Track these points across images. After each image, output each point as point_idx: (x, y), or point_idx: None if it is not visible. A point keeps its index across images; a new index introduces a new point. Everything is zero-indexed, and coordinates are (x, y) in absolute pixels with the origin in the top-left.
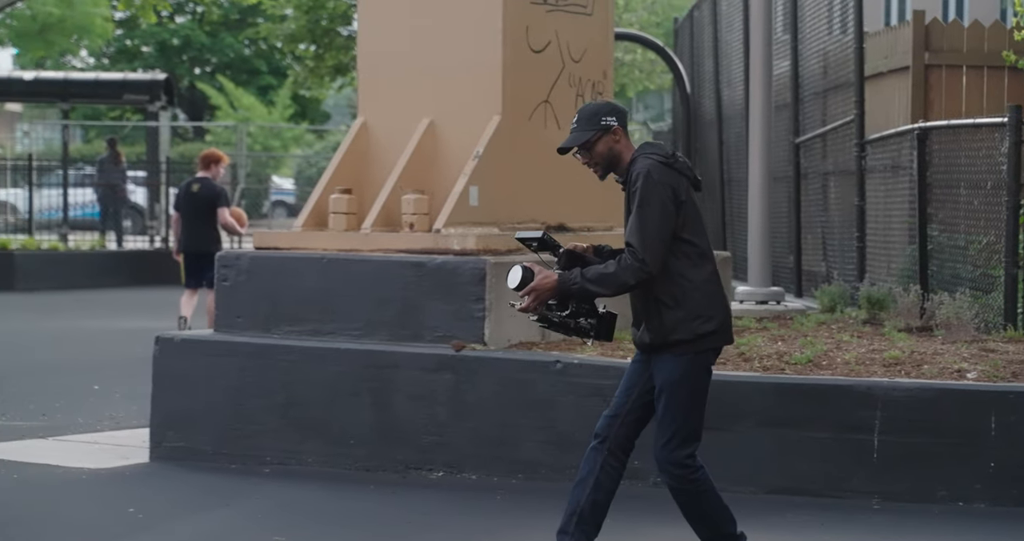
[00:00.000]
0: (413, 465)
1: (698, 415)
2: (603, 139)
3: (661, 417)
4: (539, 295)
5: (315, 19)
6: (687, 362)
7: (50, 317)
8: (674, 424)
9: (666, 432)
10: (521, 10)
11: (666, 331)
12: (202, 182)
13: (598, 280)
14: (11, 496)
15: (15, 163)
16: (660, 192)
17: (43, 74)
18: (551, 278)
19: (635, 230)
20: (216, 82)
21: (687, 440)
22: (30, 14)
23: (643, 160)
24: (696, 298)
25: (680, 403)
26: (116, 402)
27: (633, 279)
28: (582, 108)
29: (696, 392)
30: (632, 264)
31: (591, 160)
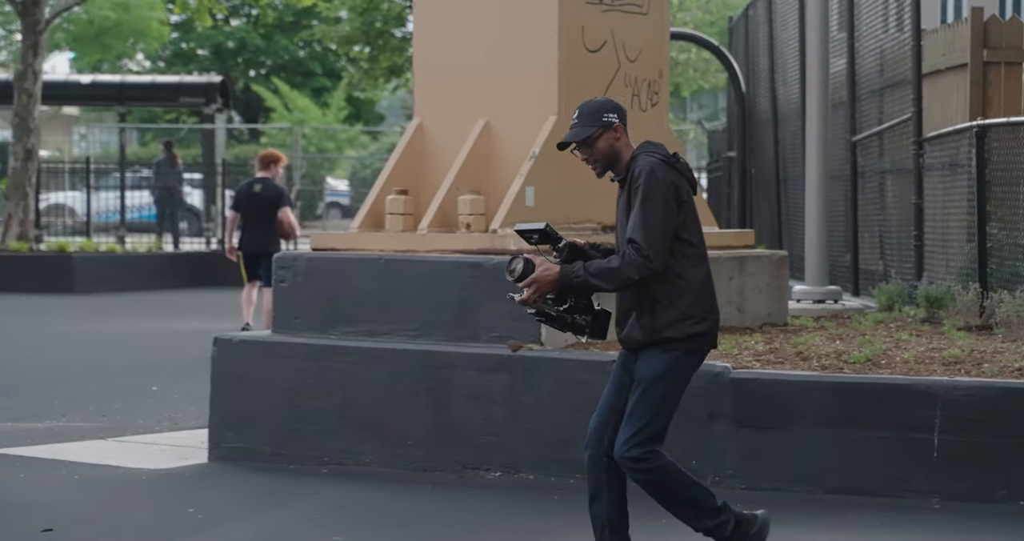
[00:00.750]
0: (470, 465)
1: (667, 416)
2: (604, 136)
3: (631, 410)
4: (540, 287)
5: (369, 21)
6: (672, 360)
7: (108, 319)
8: (642, 420)
9: (632, 427)
10: (577, 10)
11: (657, 329)
12: (264, 182)
13: (601, 274)
14: (72, 497)
15: (73, 166)
16: (663, 190)
17: (100, 77)
18: (553, 271)
19: (639, 226)
20: (271, 84)
21: (650, 439)
22: (87, 18)
23: (645, 158)
24: (690, 298)
25: (653, 399)
26: (174, 403)
27: (637, 275)
28: (583, 104)
29: (672, 391)
30: (636, 259)
31: (591, 157)
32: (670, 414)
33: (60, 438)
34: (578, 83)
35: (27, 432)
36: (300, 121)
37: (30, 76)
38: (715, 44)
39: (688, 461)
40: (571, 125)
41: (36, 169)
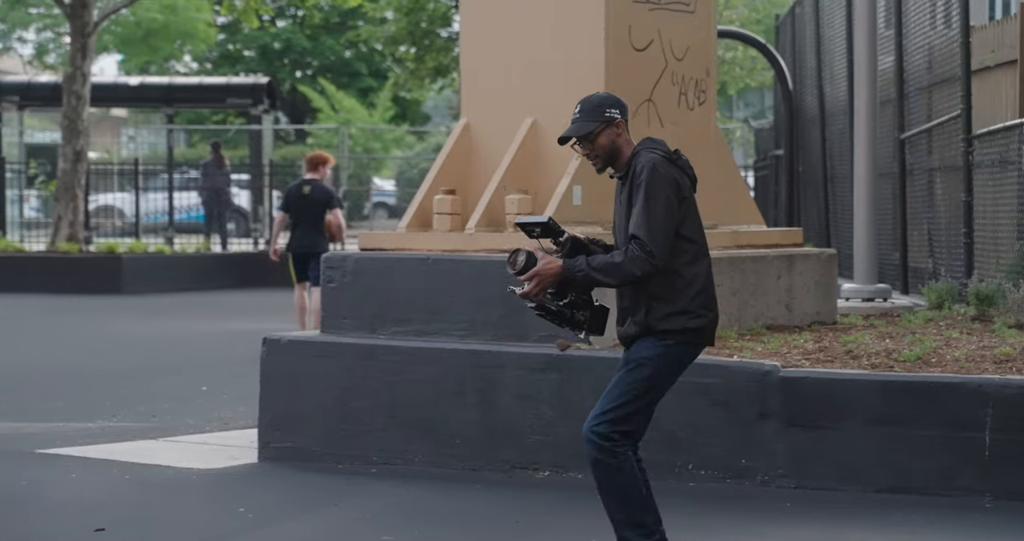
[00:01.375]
0: (519, 465)
1: (645, 402)
2: (606, 131)
3: (611, 388)
4: (542, 281)
5: (415, 21)
6: (664, 347)
7: (157, 319)
8: (619, 399)
9: (606, 404)
10: (623, 9)
11: (652, 323)
12: (313, 184)
13: (604, 269)
14: (123, 496)
15: (121, 168)
16: (666, 186)
17: (148, 79)
18: (555, 264)
19: (642, 223)
20: (317, 85)
21: (621, 420)
22: (135, 20)
23: (647, 154)
24: (688, 296)
25: (636, 380)
26: (224, 403)
27: (640, 271)
28: (585, 99)
29: (656, 377)
30: (640, 256)
31: (592, 152)
32: (649, 400)
33: (111, 438)
34: (625, 82)
35: (79, 432)
36: (346, 122)
37: (79, 78)
38: (762, 42)
39: (737, 460)
40: (572, 120)
41: (85, 171)
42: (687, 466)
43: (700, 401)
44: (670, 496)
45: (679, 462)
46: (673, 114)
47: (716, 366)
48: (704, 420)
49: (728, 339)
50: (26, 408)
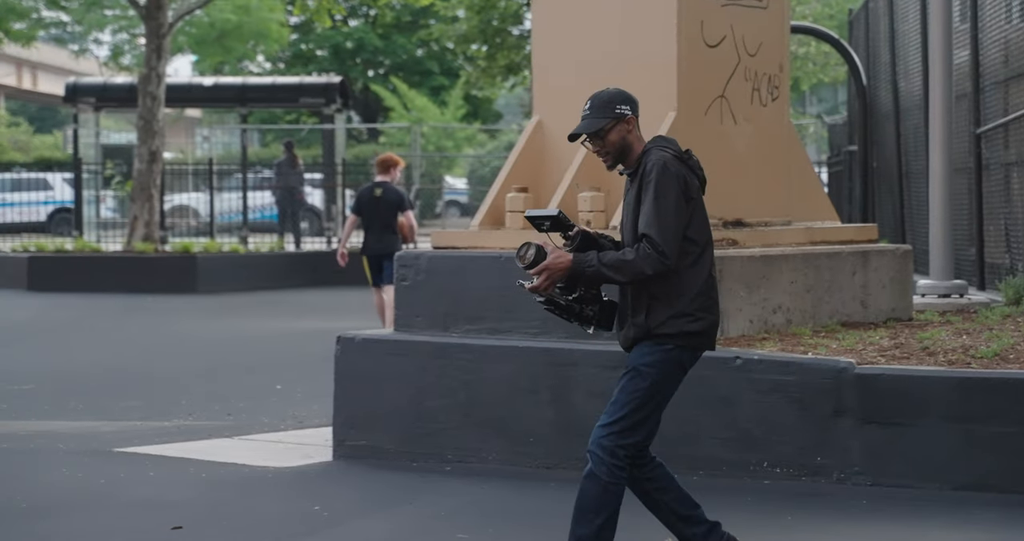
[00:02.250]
0: None
1: (649, 409)
2: (616, 128)
3: (614, 399)
4: (551, 274)
5: (487, 19)
6: (663, 352)
7: (231, 318)
8: (623, 410)
9: (611, 415)
10: (696, 5)
11: (651, 326)
12: (384, 186)
13: (615, 266)
14: (199, 495)
15: (196, 168)
16: (676, 185)
17: (222, 80)
18: (565, 259)
19: (652, 222)
20: (389, 84)
21: (627, 431)
22: (208, 21)
23: (658, 152)
24: (688, 297)
25: (637, 389)
26: (298, 401)
27: (651, 270)
28: (595, 95)
29: (658, 384)
30: (652, 254)
31: (602, 149)
32: (653, 409)
33: (187, 437)
34: (697, 78)
35: (155, 431)
36: (418, 120)
37: (154, 79)
38: (835, 37)
39: (812, 458)
40: (582, 116)
41: (160, 171)
42: (762, 464)
43: (775, 398)
44: (745, 494)
45: (754, 460)
46: (746, 110)
47: (791, 363)
48: (779, 417)
49: (803, 336)
50: (104, 407)
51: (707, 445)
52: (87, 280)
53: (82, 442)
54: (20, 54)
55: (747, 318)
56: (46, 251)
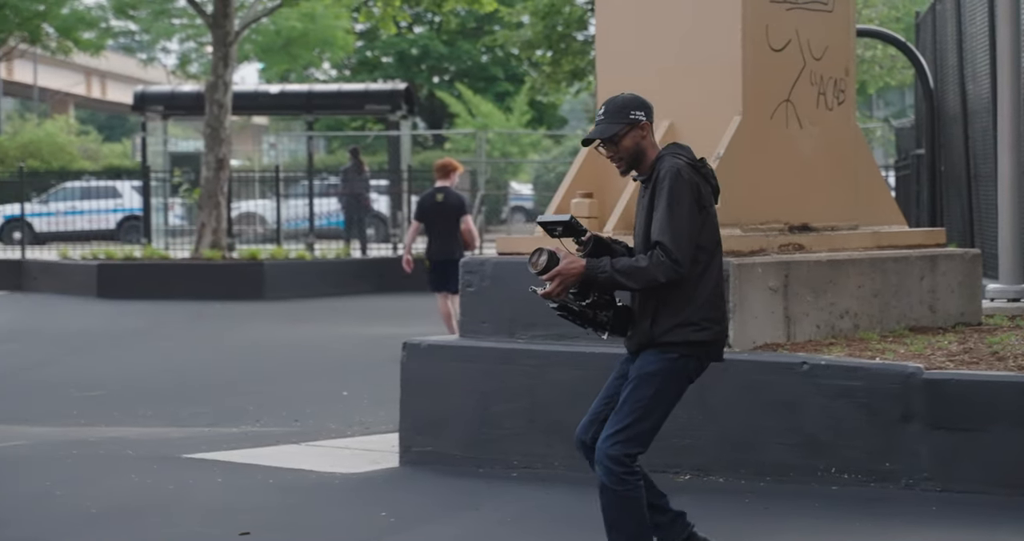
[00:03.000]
0: (659, 468)
1: (654, 419)
2: (631, 134)
3: (619, 408)
4: (564, 280)
5: (551, 25)
6: (667, 360)
7: (298, 325)
8: (628, 419)
9: (616, 424)
10: (760, 9)
11: (657, 333)
12: (445, 191)
13: (628, 272)
14: (266, 501)
15: (262, 175)
16: (690, 192)
17: (288, 87)
18: (578, 264)
19: (666, 229)
20: (454, 90)
21: (632, 439)
22: (274, 29)
23: (672, 159)
24: (696, 306)
25: (641, 397)
26: (365, 407)
27: (664, 277)
28: (609, 101)
29: (662, 393)
30: (665, 262)
31: (616, 154)
32: (658, 417)
33: (255, 443)
34: (762, 82)
35: (223, 437)
36: (483, 126)
37: (221, 87)
38: (901, 40)
39: (881, 463)
40: (596, 121)
41: (228, 178)
42: (829, 469)
43: (842, 403)
44: (812, 500)
45: (821, 465)
46: (812, 114)
47: (859, 368)
48: (846, 423)
49: (870, 341)
50: (173, 413)
51: (774, 450)
52: (155, 287)
53: (151, 448)
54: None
55: (814, 323)
56: (115, 259)
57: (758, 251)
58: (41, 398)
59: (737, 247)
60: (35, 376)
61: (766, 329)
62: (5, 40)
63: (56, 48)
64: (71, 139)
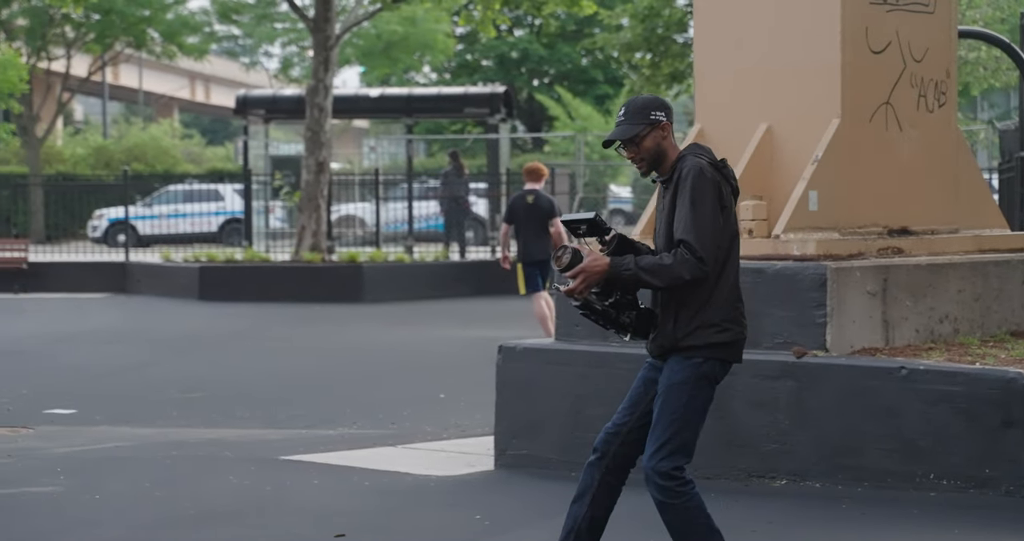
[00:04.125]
0: (755, 473)
1: (693, 426)
2: (652, 134)
3: (655, 422)
4: (588, 277)
5: (651, 27)
6: (693, 367)
7: (396, 327)
8: (667, 432)
9: (657, 440)
10: (860, 11)
11: (679, 336)
12: (536, 194)
13: (652, 270)
14: (362, 503)
15: (362, 178)
16: (713, 191)
17: (388, 91)
18: (602, 261)
19: (691, 228)
20: (554, 93)
21: (677, 452)
22: (375, 33)
23: (694, 159)
24: (716, 306)
25: (675, 409)
26: (461, 410)
27: (689, 275)
28: (630, 101)
29: (695, 400)
30: (690, 260)
31: (637, 155)
32: (696, 424)
33: (351, 445)
34: (862, 85)
35: (320, 439)
36: (582, 129)
37: (321, 91)
38: (1006, 41)
39: (980, 469)
40: (617, 122)
41: (328, 181)
42: (928, 476)
43: (942, 409)
44: (910, 506)
45: (919, 472)
46: (912, 117)
47: (958, 373)
48: (946, 429)
49: (971, 346)
50: (271, 415)
51: (872, 456)
52: (256, 290)
53: (249, 450)
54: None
55: (913, 327)
56: (216, 261)
57: (856, 255)
58: (143, 399)
59: (835, 251)
60: (137, 377)
61: (864, 333)
62: (111, 45)
63: (161, 53)
64: (175, 143)
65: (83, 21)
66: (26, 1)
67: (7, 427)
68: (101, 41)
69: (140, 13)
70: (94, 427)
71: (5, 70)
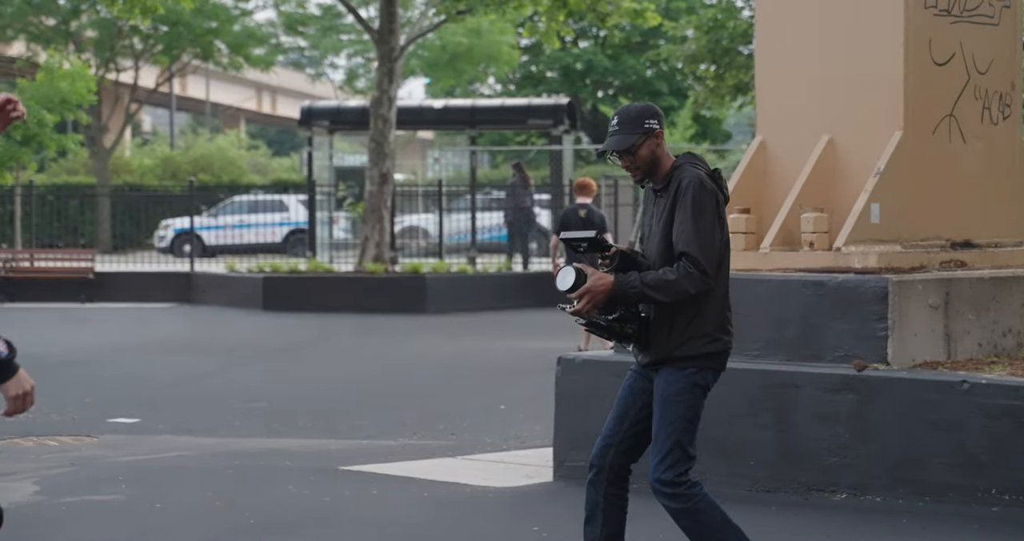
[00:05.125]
0: (815, 487)
1: (691, 434)
2: (647, 143)
3: (656, 434)
4: (593, 297)
5: (715, 39)
6: (687, 377)
7: (458, 338)
8: (667, 443)
9: (660, 452)
10: (923, 23)
11: (672, 346)
12: (588, 207)
13: (658, 286)
14: (420, 514)
15: (426, 189)
16: (713, 202)
17: (451, 102)
18: (606, 280)
19: (693, 240)
20: (618, 104)
21: (680, 461)
22: (440, 44)
23: (692, 169)
24: (706, 318)
25: (673, 420)
26: (521, 422)
27: (694, 289)
28: (623, 111)
29: (690, 410)
30: (694, 273)
31: (632, 164)
32: (694, 431)
33: (412, 456)
34: (925, 97)
35: (380, 450)
36: None
37: (385, 102)
38: None
39: None
40: (610, 132)
41: (391, 193)
42: (990, 490)
43: (1004, 423)
44: (971, 521)
45: (982, 486)
46: (975, 129)
47: (1021, 387)
48: (1008, 443)
49: None
50: (332, 425)
51: (934, 470)
52: (319, 300)
53: (310, 460)
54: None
55: (975, 341)
56: (280, 272)
57: (919, 268)
58: (206, 409)
59: (897, 263)
60: (200, 387)
61: (926, 347)
62: (179, 56)
63: (228, 64)
64: (241, 153)
65: (151, 33)
66: (95, 13)
67: (71, 436)
68: (169, 52)
69: (207, 25)
70: (157, 436)
71: (74, 82)
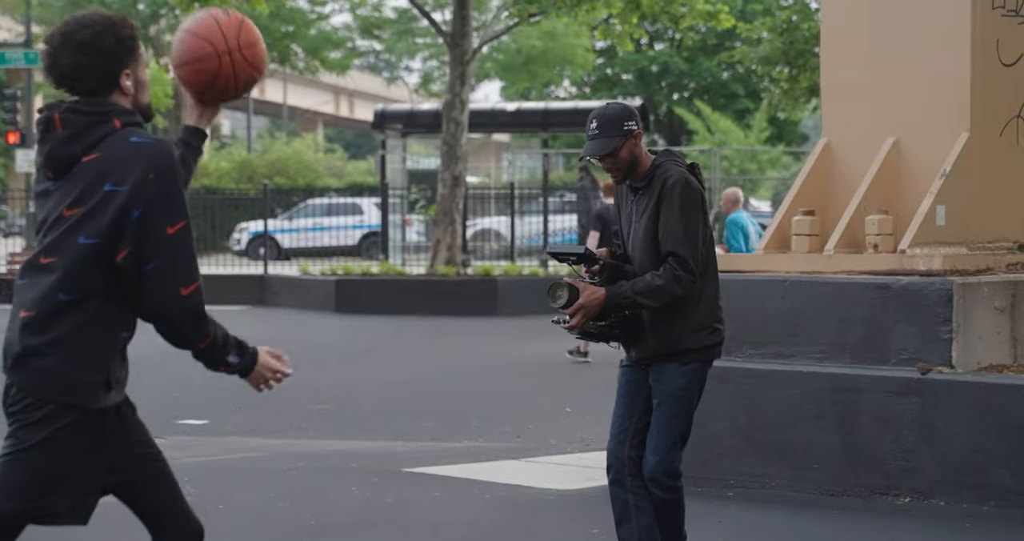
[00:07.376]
0: (879, 490)
1: (689, 425)
2: (627, 144)
3: (662, 426)
4: (588, 311)
5: (790, 41)
6: (691, 372)
7: (529, 341)
8: (673, 434)
9: (664, 446)
10: (991, 23)
11: (674, 340)
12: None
13: (648, 293)
14: (481, 516)
15: (498, 192)
16: (697, 201)
17: (524, 105)
18: (599, 295)
19: (681, 240)
20: (693, 107)
21: (679, 453)
22: (515, 47)
23: (674, 167)
24: (704, 310)
25: (678, 413)
26: (586, 424)
27: (682, 291)
28: (601, 114)
29: (693, 402)
30: (682, 275)
31: (613, 165)
32: (690, 421)
33: (475, 458)
34: (991, 97)
35: (445, 452)
36: (721, 143)
37: (457, 105)
38: None
39: None
40: (591, 136)
41: (463, 195)
42: None
43: None
44: None
45: None
46: None
47: None
48: None
49: None
50: (399, 427)
51: (998, 475)
52: (391, 303)
53: (374, 461)
54: (337, 82)
55: None
56: (352, 274)
57: (984, 270)
58: (276, 410)
59: (963, 266)
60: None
61: (992, 350)
62: None
63: (304, 68)
64: (317, 157)
65: None
66: (174, 18)
67: None
68: None
69: (284, 29)
70: (224, 438)
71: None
